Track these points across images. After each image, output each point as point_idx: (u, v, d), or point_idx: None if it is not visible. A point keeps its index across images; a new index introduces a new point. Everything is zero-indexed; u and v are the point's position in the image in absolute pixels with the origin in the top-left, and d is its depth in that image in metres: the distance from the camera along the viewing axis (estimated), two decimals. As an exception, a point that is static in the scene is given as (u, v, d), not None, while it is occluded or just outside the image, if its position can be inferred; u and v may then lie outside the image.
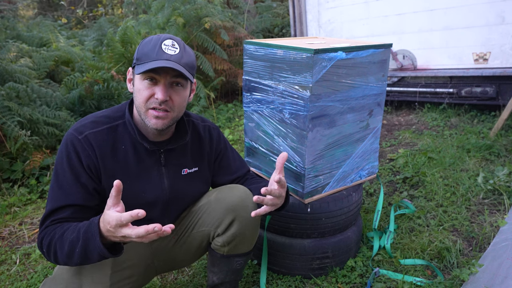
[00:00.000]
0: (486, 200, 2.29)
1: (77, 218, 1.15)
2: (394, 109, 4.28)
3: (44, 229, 1.12)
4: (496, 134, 3.05)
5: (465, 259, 1.80)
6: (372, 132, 1.79)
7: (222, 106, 4.62)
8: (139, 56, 1.16)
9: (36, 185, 2.82)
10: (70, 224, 1.11)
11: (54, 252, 1.08)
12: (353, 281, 1.73)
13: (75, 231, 1.06)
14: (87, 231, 1.03)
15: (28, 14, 10.15)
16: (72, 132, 1.18)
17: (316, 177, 1.64)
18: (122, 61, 4.05)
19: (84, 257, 1.05)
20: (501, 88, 3.41)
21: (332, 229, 1.71)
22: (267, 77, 1.66)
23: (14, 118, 2.78)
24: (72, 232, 1.06)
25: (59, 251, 1.07)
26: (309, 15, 4.55)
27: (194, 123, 1.41)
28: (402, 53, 3.92)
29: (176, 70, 1.12)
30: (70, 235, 1.06)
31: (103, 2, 10.73)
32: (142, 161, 1.25)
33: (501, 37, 3.32)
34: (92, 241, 1.02)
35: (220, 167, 1.48)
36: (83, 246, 1.03)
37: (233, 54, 4.68)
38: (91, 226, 1.03)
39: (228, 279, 1.50)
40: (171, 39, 1.17)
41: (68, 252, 1.05)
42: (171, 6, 4.40)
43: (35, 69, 3.84)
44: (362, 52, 1.57)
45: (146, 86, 1.15)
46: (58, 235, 1.08)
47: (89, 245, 1.03)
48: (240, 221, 1.33)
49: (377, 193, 2.49)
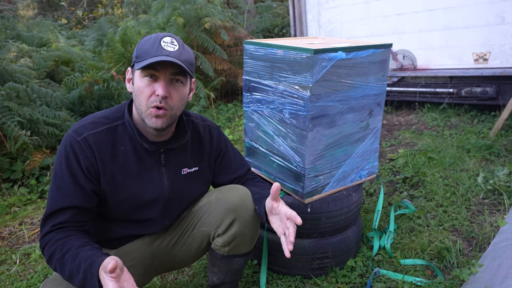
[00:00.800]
0: (486, 200, 2.29)
1: (77, 221, 1.16)
2: (394, 109, 4.28)
3: (45, 236, 1.12)
4: (496, 134, 3.05)
5: (465, 259, 1.80)
6: (372, 132, 1.79)
7: (222, 106, 4.62)
8: (138, 53, 1.16)
9: (36, 185, 2.82)
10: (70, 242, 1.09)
11: (54, 268, 1.09)
12: (353, 281, 1.73)
13: (75, 261, 1.04)
14: (87, 272, 1.00)
15: (28, 14, 10.15)
16: (71, 134, 1.18)
17: (316, 177, 1.64)
18: (122, 61, 4.05)
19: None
20: (501, 88, 3.41)
21: (332, 229, 1.71)
22: (267, 77, 1.66)
23: (14, 118, 2.78)
24: (73, 260, 1.05)
25: (59, 271, 1.08)
26: (309, 15, 4.55)
27: (194, 122, 1.41)
28: (402, 53, 3.92)
29: (176, 65, 1.13)
30: (70, 263, 1.04)
31: (103, 2, 10.73)
32: (142, 162, 1.25)
33: (501, 37, 3.32)
34: (91, 284, 0.99)
35: (220, 166, 1.48)
36: (83, 282, 1.02)
37: (233, 54, 4.68)
38: (92, 269, 1.00)
39: (228, 279, 1.50)
40: (170, 37, 1.17)
41: (68, 278, 1.06)
42: (171, 6, 4.40)
43: (35, 69, 3.84)
44: (362, 52, 1.57)
45: (146, 83, 1.15)
46: (59, 256, 1.07)
47: (87, 285, 1.01)
48: (241, 222, 1.33)
49: (377, 193, 2.49)
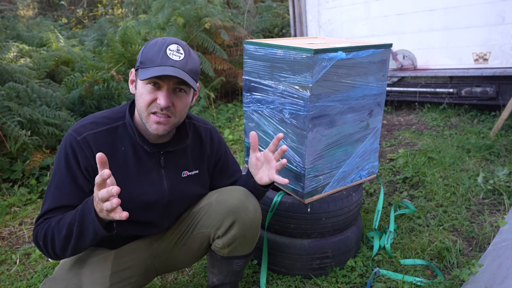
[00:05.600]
0: (486, 200, 2.29)
1: None
2: (394, 109, 4.28)
3: (38, 225, 1.13)
4: (496, 134, 3.05)
5: (465, 259, 1.80)
6: (372, 132, 1.79)
7: (222, 106, 4.61)
8: (143, 59, 1.15)
9: (36, 185, 2.82)
10: (65, 216, 1.11)
11: (51, 239, 1.09)
12: (353, 281, 1.73)
13: (71, 215, 1.08)
14: (83, 208, 1.05)
15: (28, 14, 10.14)
16: (71, 133, 1.18)
17: (316, 177, 1.64)
18: (122, 61, 4.04)
19: (80, 235, 1.06)
20: (501, 88, 3.41)
21: (332, 229, 1.71)
22: (267, 77, 1.66)
23: (14, 118, 2.78)
24: (69, 216, 1.08)
25: (56, 237, 1.08)
26: (309, 15, 4.55)
27: (196, 125, 1.41)
28: (402, 53, 3.92)
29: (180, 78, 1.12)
30: (67, 219, 1.08)
31: (103, 2, 10.73)
32: (142, 163, 1.25)
33: (501, 37, 3.32)
34: (88, 215, 1.03)
35: (219, 171, 1.49)
36: (80, 223, 1.04)
37: (233, 54, 4.68)
38: (87, 203, 1.05)
39: (228, 280, 1.50)
40: (176, 44, 1.15)
41: (66, 235, 1.06)
42: (171, 6, 4.40)
43: (35, 69, 3.84)
44: (362, 52, 1.56)
45: (149, 90, 1.14)
46: (55, 223, 1.09)
47: (85, 221, 1.04)
48: (241, 224, 1.32)
49: (377, 193, 2.49)
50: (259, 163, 1.37)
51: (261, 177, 1.37)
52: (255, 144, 1.35)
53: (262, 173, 1.37)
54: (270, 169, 1.33)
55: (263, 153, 1.35)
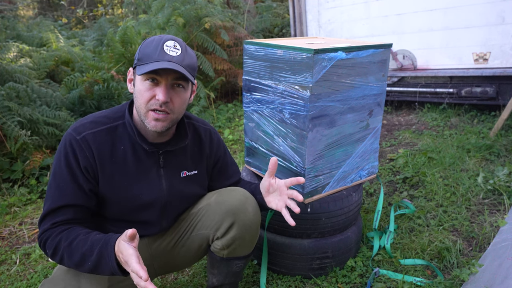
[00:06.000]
0: (486, 200, 2.29)
1: (76, 219, 1.16)
2: (394, 109, 4.28)
3: (44, 232, 1.13)
4: (496, 134, 3.05)
5: (465, 259, 1.80)
6: (372, 132, 1.79)
7: (222, 106, 4.61)
8: (140, 56, 1.16)
9: (36, 185, 2.82)
10: (76, 231, 1.12)
11: (61, 258, 1.11)
12: (353, 281, 1.73)
13: (86, 244, 1.08)
14: (103, 249, 1.05)
15: (28, 14, 10.14)
16: (70, 132, 1.18)
17: (316, 177, 1.64)
18: (122, 61, 4.05)
19: (94, 270, 1.08)
20: (501, 88, 3.41)
21: (332, 229, 1.71)
22: (267, 77, 1.66)
23: (14, 118, 2.78)
24: (84, 244, 1.08)
25: (67, 259, 1.09)
26: (309, 15, 4.55)
27: (195, 125, 1.41)
28: (402, 53, 3.92)
29: (177, 71, 1.12)
30: (81, 247, 1.08)
31: (103, 2, 10.72)
32: (141, 162, 1.25)
33: (501, 37, 3.32)
34: (108, 260, 1.04)
35: (218, 172, 1.49)
36: (96, 262, 1.06)
37: (233, 54, 4.68)
38: (108, 246, 1.05)
39: (228, 281, 1.50)
40: (173, 40, 1.16)
41: (78, 262, 1.08)
42: (171, 6, 4.40)
43: (35, 69, 3.84)
44: (362, 52, 1.56)
45: (147, 87, 1.15)
46: (66, 243, 1.09)
47: (102, 263, 1.05)
48: (240, 225, 1.32)
49: (377, 193, 2.49)
50: (271, 189, 1.37)
51: (269, 201, 1.37)
52: (273, 170, 1.34)
53: (271, 198, 1.37)
54: (280, 201, 1.33)
55: (278, 184, 1.34)
